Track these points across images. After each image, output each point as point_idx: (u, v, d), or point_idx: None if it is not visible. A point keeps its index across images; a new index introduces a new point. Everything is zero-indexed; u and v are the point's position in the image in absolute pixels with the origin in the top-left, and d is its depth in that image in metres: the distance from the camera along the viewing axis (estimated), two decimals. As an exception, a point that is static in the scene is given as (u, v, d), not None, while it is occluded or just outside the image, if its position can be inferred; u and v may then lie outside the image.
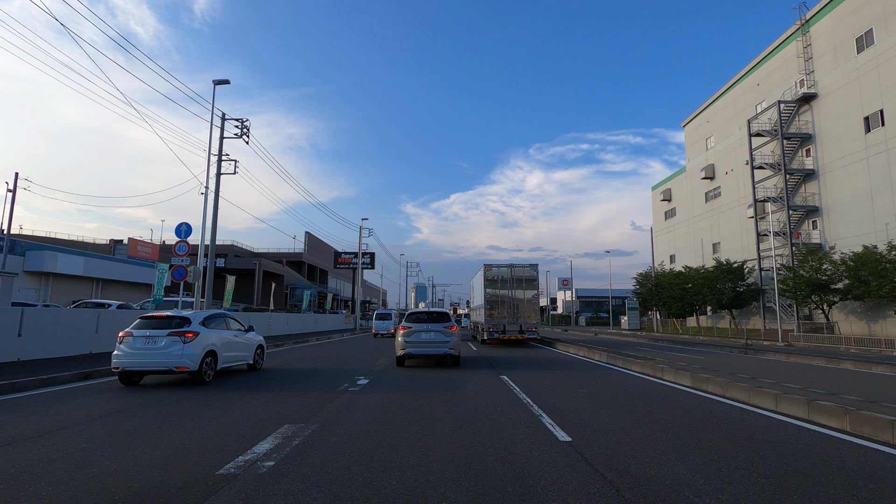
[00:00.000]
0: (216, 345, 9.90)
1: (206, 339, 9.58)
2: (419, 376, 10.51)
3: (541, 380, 9.92)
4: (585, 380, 10.01)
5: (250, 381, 9.88)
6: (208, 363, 9.53)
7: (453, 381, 9.60)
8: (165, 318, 9.54)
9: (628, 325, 56.46)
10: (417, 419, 6.15)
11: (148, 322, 9.46)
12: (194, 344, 9.17)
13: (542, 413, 6.52)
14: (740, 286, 38.19)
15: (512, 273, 22.71)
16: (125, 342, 9.00)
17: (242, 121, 22.13)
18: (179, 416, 6.33)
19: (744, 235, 42.34)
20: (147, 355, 8.96)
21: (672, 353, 19.77)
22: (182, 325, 9.35)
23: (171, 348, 8.97)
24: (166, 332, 9.11)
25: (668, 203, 57.60)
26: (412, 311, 13.52)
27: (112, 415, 6.37)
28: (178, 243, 13.67)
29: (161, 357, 8.94)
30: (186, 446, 4.83)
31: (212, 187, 21.50)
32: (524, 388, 8.65)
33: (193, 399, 7.66)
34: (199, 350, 9.25)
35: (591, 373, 11.36)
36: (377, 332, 32.65)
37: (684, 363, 13.01)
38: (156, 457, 4.45)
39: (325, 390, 8.50)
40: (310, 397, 7.80)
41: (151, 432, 5.40)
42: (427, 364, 13.09)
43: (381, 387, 9.00)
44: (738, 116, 43.78)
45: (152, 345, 8.99)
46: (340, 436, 5.27)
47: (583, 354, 16.62)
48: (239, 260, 64.23)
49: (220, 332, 10.34)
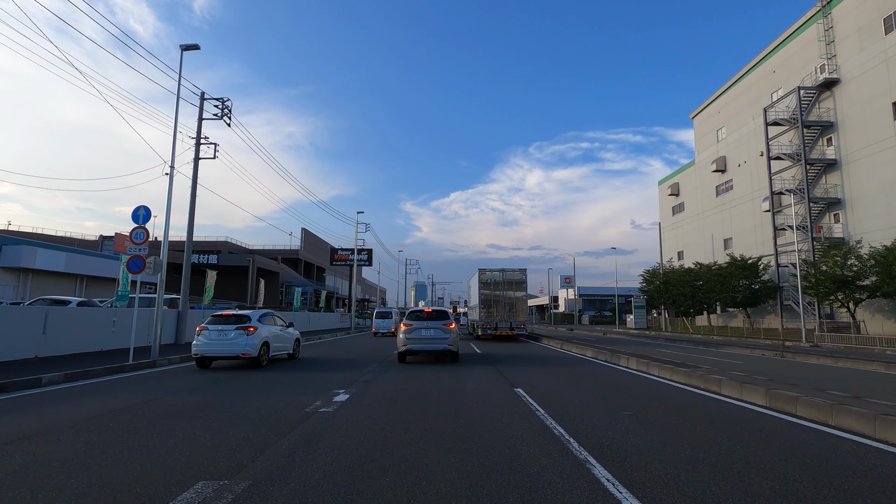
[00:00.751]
0: (269, 337, 12.46)
1: (262, 332, 12.13)
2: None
3: (562, 392, 8.11)
4: (627, 398, 8.11)
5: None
6: (264, 351, 12.13)
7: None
8: (232, 315, 12.19)
9: (634, 323, 54.51)
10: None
11: (218, 319, 12.05)
12: (255, 336, 11.75)
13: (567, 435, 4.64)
14: (756, 283, 36.24)
15: (503, 276, 25.83)
16: (202, 335, 11.59)
17: (223, 100, 20.18)
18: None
19: (758, 230, 40.40)
20: (219, 344, 11.49)
21: (696, 356, 17.85)
22: (245, 321, 11.90)
23: (238, 339, 11.52)
24: (234, 327, 11.64)
25: (676, 198, 55.62)
26: (413, 310, 14.11)
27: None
28: (135, 230, 11.72)
29: (230, 346, 11.50)
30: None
31: (188, 173, 19.59)
32: (540, 401, 6.79)
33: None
34: (258, 341, 11.82)
35: (625, 384, 9.47)
36: (377, 330, 31.43)
37: (720, 367, 11.12)
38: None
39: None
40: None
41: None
42: (427, 359, 14.05)
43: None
44: (752, 106, 41.80)
45: (223, 336, 11.54)
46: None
47: (600, 357, 14.75)
48: (233, 257, 62.30)
49: (270, 328, 12.82)
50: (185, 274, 19.12)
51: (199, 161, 19.80)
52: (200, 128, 19.94)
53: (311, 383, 9.15)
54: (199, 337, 11.62)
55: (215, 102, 20.07)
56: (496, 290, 25.73)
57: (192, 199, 19.47)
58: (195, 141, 19.78)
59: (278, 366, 12.23)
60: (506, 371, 11.27)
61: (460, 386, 8.83)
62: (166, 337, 18.07)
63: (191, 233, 19.46)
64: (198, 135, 19.82)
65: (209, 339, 11.55)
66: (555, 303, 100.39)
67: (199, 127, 19.91)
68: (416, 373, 11.02)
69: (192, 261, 59.92)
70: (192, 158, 19.69)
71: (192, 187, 19.52)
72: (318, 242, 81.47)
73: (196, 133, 19.82)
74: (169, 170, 12.85)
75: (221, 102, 20.16)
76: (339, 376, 10.29)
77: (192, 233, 19.50)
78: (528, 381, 9.56)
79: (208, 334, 11.61)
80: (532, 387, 8.64)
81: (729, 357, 17.53)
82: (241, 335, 11.59)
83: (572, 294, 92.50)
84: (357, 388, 8.50)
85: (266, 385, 8.91)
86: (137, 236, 11.73)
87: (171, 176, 12.86)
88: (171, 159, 12.97)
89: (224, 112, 20.21)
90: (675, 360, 11.75)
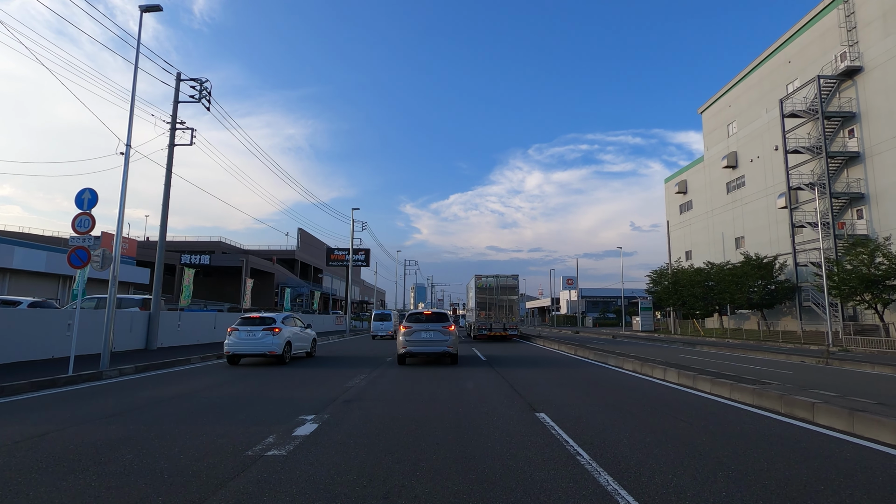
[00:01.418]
0: (291, 337, 13.67)
1: (286, 333, 13.41)
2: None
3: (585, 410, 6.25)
4: (697, 432, 6.26)
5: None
6: (287, 350, 13.37)
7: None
8: (259, 318, 13.34)
9: (641, 325, 52.55)
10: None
11: (247, 320, 13.25)
12: (280, 336, 13.03)
13: None
14: (772, 283, 34.36)
15: (497, 281, 28.09)
16: (233, 335, 12.89)
17: (201, 81, 18.34)
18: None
19: (772, 228, 38.57)
20: (248, 343, 12.78)
21: (729, 363, 15.99)
22: (271, 322, 13.16)
23: (265, 339, 12.79)
24: (261, 328, 12.90)
25: (684, 196, 53.78)
26: (412, 312, 14.06)
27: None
28: (79, 217, 9.83)
29: (258, 344, 12.78)
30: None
31: (161, 160, 17.75)
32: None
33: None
34: (282, 340, 13.08)
35: (677, 407, 7.60)
36: (375, 333, 29.85)
37: (777, 381, 9.26)
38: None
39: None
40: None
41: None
42: (426, 362, 13.99)
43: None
44: (765, 98, 40.01)
45: (252, 336, 12.82)
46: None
47: (626, 366, 12.89)
48: (226, 257, 60.40)
49: (291, 329, 14.05)
50: (156, 272, 17.26)
51: (174, 147, 17.97)
52: (176, 111, 18.11)
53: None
54: (230, 337, 13.08)
55: (192, 83, 18.24)
56: (491, 294, 28.00)
57: (167, 189, 17.62)
58: (170, 126, 17.96)
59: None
60: (518, 383, 9.48)
61: (466, 408, 6.93)
62: (134, 342, 16.21)
63: (164, 227, 17.61)
64: (173, 118, 17.99)
65: (239, 338, 12.94)
66: (556, 305, 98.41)
67: (174, 110, 18.08)
68: (410, 383, 9.68)
69: (183, 261, 57.70)
70: (167, 144, 17.87)
71: (167, 176, 17.67)
72: (316, 243, 79.52)
73: (171, 117, 17.99)
74: (124, 148, 10.98)
75: (199, 83, 18.32)
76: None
77: (165, 227, 17.64)
78: (550, 399, 7.72)
79: (238, 334, 12.97)
80: (558, 410, 6.78)
81: (768, 365, 15.67)
82: (267, 335, 12.96)
83: (574, 296, 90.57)
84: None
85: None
86: (81, 224, 9.86)
87: (126, 156, 11.01)
88: (127, 137, 11.10)
89: (202, 94, 18.36)
90: (724, 373, 9.86)
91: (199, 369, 12.09)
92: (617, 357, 13.70)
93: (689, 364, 13.12)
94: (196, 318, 20.47)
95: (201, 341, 20.19)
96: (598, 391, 8.66)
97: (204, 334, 20.67)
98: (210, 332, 21.25)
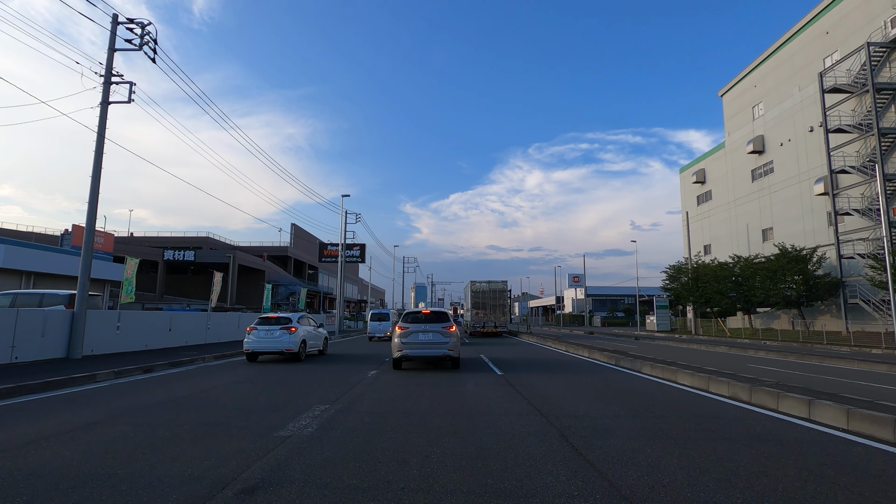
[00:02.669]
0: (306, 336, 14.84)
1: (301, 331, 14.55)
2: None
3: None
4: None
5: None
6: (302, 348, 14.52)
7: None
8: (276, 318, 14.54)
9: (657, 325, 48.85)
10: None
11: (265, 320, 14.46)
12: (296, 334, 14.19)
13: None
14: (813, 279, 30.70)
15: (489, 286, 33.64)
16: (252, 333, 14.05)
17: (143, 24, 14.74)
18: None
19: (806, 217, 34.95)
20: (266, 341, 13.92)
21: (802, 374, 12.41)
22: (288, 322, 14.34)
23: (283, 337, 13.97)
24: (279, 327, 14.12)
25: (702, 186, 50.13)
26: (409, 311, 13.12)
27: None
28: None
29: (276, 343, 13.92)
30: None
31: (92, 124, 14.14)
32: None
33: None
34: (298, 339, 14.22)
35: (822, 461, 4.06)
36: (373, 334, 27.76)
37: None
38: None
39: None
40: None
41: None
42: (424, 366, 13.17)
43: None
44: (799, 75, 36.38)
45: (270, 335, 13.98)
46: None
47: (682, 381, 9.33)
48: (214, 253, 56.90)
49: (306, 328, 15.15)
50: (82, 261, 13.66)
51: (108, 105, 14.40)
52: (112, 61, 14.54)
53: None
54: (249, 335, 13.98)
55: (132, 26, 14.65)
56: (484, 297, 33.30)
57: (97, 157, 14.04)
58: (104, 79, 14.39)
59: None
60: (548, 405, 5.97)
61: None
62: (49, 349, 12.66)
63: (94, 204, 13.99)
64: (107, 69, 14.43)
65: (258, 337, 13.88)
66: (559, 303, 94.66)
67: (109, 59, 14.51)
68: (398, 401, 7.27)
69: (166, 257, 53.89)
70: (100, 102, 14.31)
71: (98, 143, 14.10)
72: (311, 239, 75.88)
73: (105, 68, 14.42)
74: None
75: (141, 27, 14.72)
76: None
77: (95, 204, 14.02)
78: (611, 444, 4.18)
79: (257, 333, 13.94)
80: (634, 468, 3.26)
81: (864, 377, 12.09)
82: (284, 334, 13.93)
83: (580, 294, 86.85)
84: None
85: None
86: None
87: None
88: None
89: (144, 41, 14.77)
90: (828, 392, 6.27)
91: (118, 387, 8.55)
92: (652, 364, 10.17)
93: (783, 380, 9.55)
94: (143, 319, 16.89)
95: (150, 346, 16.64)
96: (665, 418, 5.12)
97: (155, 338, 17.13)
98: (164, 335, 17.72)
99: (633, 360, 12.46)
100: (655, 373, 10.90)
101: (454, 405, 7.26)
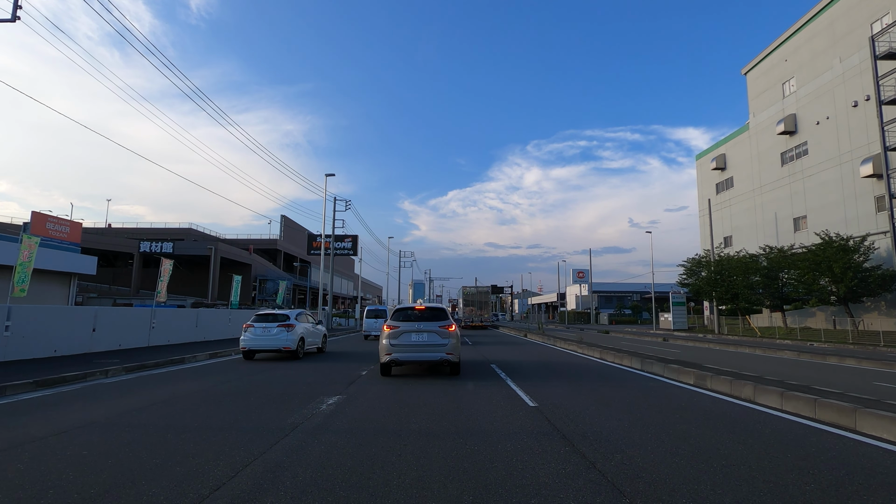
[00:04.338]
0: (304, 334, 14.49)
1: (299, 329, 14.15)
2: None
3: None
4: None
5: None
6: (301, 345, 14.16)
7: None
8: (273, 315, 14.14)
9: (673, 323, 44.99)
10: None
11: (262, 317, 14.04)
12: (294, 332, 13.79)
13: None
14: (864, 272, 26.89)
15: (477, 290, 47.24)
16: (248, 331, 13.65)
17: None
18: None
19: (849, 203, 31.14)
20: (264, 339, 13.53)
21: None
22: (285, 319, 13.93)
23: (280, 335, 13.57)
24: (276, 325, 13.70)
25: (722, 172, 46.28)
26: (400, 307, 11.02)
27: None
28: None
29: (273, 341, 13.53)
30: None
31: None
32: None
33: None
34: (296, 336, 13.85)
35: None
36: (368, 332, 25.75)
37: None
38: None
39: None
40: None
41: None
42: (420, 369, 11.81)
43: None
44: (839, 45, 32.52)
45: (267, 333, 13.58)
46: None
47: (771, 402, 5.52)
48: (194, 245, 53.01)
49: (304, 325, 14.80)
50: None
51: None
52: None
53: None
54: (245, 333, 13.69)
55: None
56: (474, 298, 45.64)
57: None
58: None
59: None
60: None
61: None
62: None
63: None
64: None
65: (255, 335, 13.60)
66: (562, 300, 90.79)
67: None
68: None
69: (143, 249, 49.73)
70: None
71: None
72: (304, 231, 71.93)
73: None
74: None
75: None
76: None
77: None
78: None
79: (254, 331, 13.64)
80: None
81: None
82: (282, 332, 13.67)
83: (584, 290, 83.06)
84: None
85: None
86: None
87: None
88: None
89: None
90: None
91: None
92: (730, 379, 6.37)
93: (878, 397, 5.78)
94: (56, 316, 13.01)
95: (75, 351, 12.88)
96: None
97: (76, 342, 13.28)
98: (89, 335, 13.87)
99: (735, 384, 8.62)
100: (694, 381, 7.07)
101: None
